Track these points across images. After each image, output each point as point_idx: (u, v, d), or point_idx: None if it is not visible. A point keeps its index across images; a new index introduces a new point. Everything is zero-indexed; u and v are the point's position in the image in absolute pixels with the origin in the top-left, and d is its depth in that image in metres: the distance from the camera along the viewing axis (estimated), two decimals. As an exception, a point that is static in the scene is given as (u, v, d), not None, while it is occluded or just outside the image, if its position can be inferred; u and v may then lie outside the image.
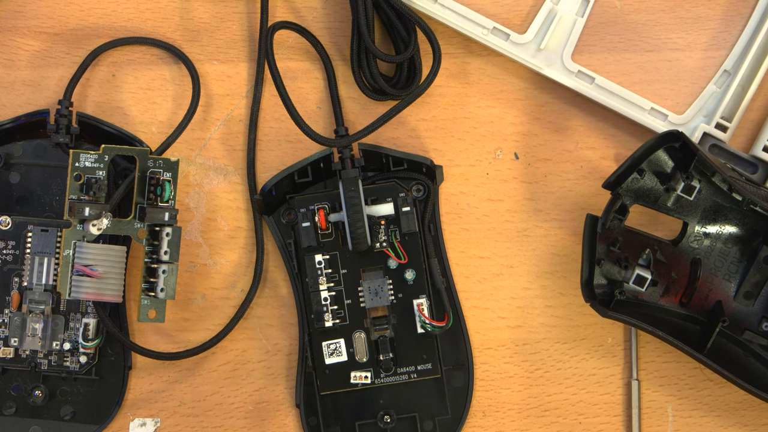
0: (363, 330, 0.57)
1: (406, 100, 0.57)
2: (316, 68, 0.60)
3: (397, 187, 0.57)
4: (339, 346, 0.56)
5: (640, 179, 0.56)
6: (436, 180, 0.58)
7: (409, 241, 0.57)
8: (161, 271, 0.56)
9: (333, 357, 0.56)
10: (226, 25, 0.60)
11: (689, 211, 0.57)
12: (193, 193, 0.60)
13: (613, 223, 0.56)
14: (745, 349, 0.57)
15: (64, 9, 0.60)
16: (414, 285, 0.57)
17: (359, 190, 0.56)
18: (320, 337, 0.57)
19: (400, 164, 0.58)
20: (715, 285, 0.57)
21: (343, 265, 0.57)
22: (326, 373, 0.57)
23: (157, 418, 0.59)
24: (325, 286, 0.56)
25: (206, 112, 0.60)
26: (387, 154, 0.58)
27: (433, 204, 0.58)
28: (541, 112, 0.60)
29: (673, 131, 0.55)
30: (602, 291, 0.56)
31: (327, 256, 0.57)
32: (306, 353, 0.57)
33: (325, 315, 0.56)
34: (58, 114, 0.57)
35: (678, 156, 0.56)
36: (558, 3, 0.59)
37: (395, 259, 0.56)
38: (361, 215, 0.55)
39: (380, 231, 0.56)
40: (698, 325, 0.57)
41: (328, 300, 0.56)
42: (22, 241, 0.57)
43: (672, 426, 0.59)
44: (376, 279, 0.57)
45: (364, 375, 0.56)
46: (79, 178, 0.56)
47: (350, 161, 0.57)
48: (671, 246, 0.57)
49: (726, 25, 0.60)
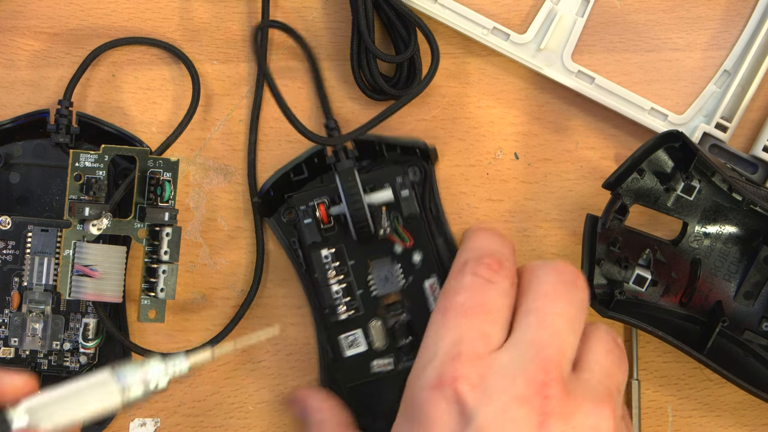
0: (378, 318, 0.56)
1: (401, 101, 0.57)
2: (320, 68, 0.60)
3: (394, 171, 0.56)
4: (356, 337, 0.56)
5: (640, 179, 0.56)
6: (431, 160, 0.58)
7: (412, 224, 0.56)
8: (161, 271, 0.56)
9: (352, 348, 0.56)
10: (226, 25, 0.60)
11: (689, 211, 0.57)
12: (193, 193, 0.60)
13: (613, 223, 0.56)
14: (745, 349, 0.57)
15: (64, 9, 0.60)
16: (423, 266, 0.56)
17: (356, 179, 0.55)
18: (337, 331, 0.56)
19: (394, 149, 0.58)
20: (715, 285, 0.57)
21: (350, 257, 0.57)
22: (347, 366, 0.56)
23: (157, 418, 0.59)
24: (335, 279, 0.56)
25: (206, 112, 0.60)
26: (380, 141, 0.58)
27: (431, 184, 0.58)
28: (541, 112, 0.60)
29: (673, 131, 0.55)
30: (602, 291, 0.56)
31: (333, 250, 0.56)
32: (326, 349, 0.57)
33: (338, 308, 0.56)
34: (58, 114, 0.57)
35: (678, 156, 0.56)
36: (558, 3, 0.59)
37: (401, 243, 0.56)
38: (362, 204, 0.55)
39: (382, 217, 0.56)
40: (698, 325, 0.57)
41: (340, 293, 0.56)
42: (22, 241, 0.57)
43: (672, 426, 0.59)
44: (384, 266, 0.56)
45: (386, 362, 0.56)
46: (79, 178, 0.56)
47: (344, 153, 0.57)
48: (671, 246, 0.57)
49: (726, 25, 0.60)
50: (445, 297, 0.51)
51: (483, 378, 0.47)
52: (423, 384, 0.48)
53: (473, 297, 0.50)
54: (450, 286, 0.52)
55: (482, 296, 0.50)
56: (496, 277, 0.51)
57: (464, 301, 0.50)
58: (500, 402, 0.46)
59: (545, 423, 0.46)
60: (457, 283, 0.51)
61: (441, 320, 0.50)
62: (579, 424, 0.46)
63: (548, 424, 0.46)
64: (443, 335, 0.49)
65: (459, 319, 0.49)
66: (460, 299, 0.50)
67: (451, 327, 0.49)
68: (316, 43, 0.60)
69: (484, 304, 0.50)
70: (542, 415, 0.46)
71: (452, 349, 0.48)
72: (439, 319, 0.50)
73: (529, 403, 0.46)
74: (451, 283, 0.52)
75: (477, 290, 0.50)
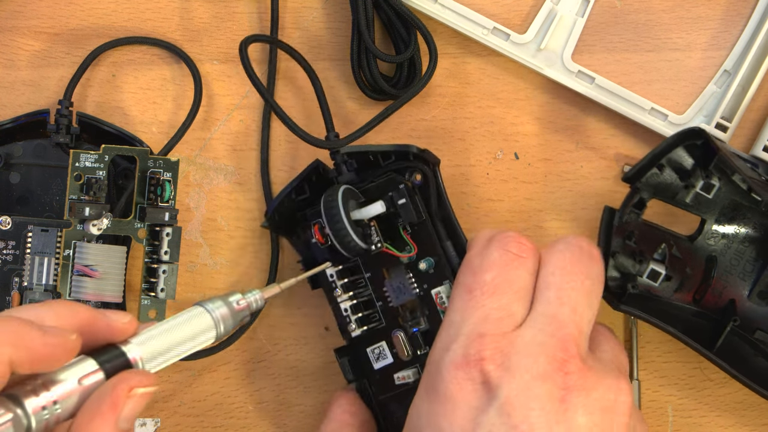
0: (400, 328, 0.55)
1: (398, 102, 0.57)
2: (320, 68, 0.60)
3: (395, 180, 0.55)
4: (382, 349, 0.55)
5: (660, 174, 0.56)
6: (430, 163, 0.56)
7: (419, 231, 0.55)
8: (161, 271, 0.56)
9: (380, 361, 0.55)
10: (226, 25, 0.60)
11: (707, 208, 0.57)
12: (193, 193, 0.60)
13: (630, 217, 0.56)
14: (756, 349, 0.56)
15: (64, 9, 0.60)
16: (434, 273, 0.55)
17: (336, 197, 0.53)
18: (363, 344, 0.55)
19: (389, 157, 0.56)
20: (730, 283, 0.57)
21: (366, 269, 0.56)
22: (377, 378, 0.55)
23: (157, 418, 0.59)
24: (345, 296, 0.55)
25: (206, 112, 0.60)
26: (372, 151, 0.56)
27: (436, 186, 0.56)
28: (541, 112, 0.60)
29: (695, 128, 0.54)
30: (615, 284, 0.56)
31: (339, 268, 0.55)
32: (358, 363, 0.56)
33: (349, 326, 0.55)
34: (58, 114, 0.57)
35: (698, 153, 0.55)
36: (558, 3, 0.59)
37: (397, 254, 0.55)
38: (342, 223, 0.53)
39: (371, 232, 0.55)
40: (710, 322, 0.57)
41: (349, 311, 0.55)
42: (22, 241, 0.57)
43: (672, 426, 0.59)
44: (399, 275, 0.55)
45: (407, 374, 0.55)
46: (80, 178, 0.56)
47: (345, 166, 0.56)
48: (687, 242, 0.57)
49: (726, 25, 0.60)
50: (469, 273, 0.51)
51: (507, 356, 0.47)
52: (447, 362, 0.48)
53: (502, 274, 0.50)
54: (474, 263, 0.51)
55: (511, 273, 0.50)
56: (526, 252, 0.51)
57: (492, 279, 0.50)
58: (523, 380, 0.47)
59: (566, 397, 0.47)
60: (483, 260, 0.51)
61: (467, 298, 0.50)
62: (600, 396, 0.47)
63: (569, 398, 0.47)
64: (469, 314, 0.49)
65: (486, 298, 0.49)
66: (488, 277, 0.50)
67: (478, 306, 0.49)
68: (316, 43, 0.60)
69: (513, 282, 0.50)
70: (564, 389, 0.47)
71: (478, 328, 0.49)
72: (465, 296, 0.50)
73: (551, 379, 0.47)
74: (475, 260, 0.51)
75: (506, 266, 0.50)
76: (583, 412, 0.47)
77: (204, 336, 0.46)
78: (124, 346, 0.44)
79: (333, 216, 0.53)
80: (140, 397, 0.42)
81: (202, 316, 0.46)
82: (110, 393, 0.42)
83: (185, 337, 0.45)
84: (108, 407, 0.41)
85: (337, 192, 0.53)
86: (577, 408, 0.47)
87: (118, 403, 0.42)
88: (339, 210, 0.53)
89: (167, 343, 0.45)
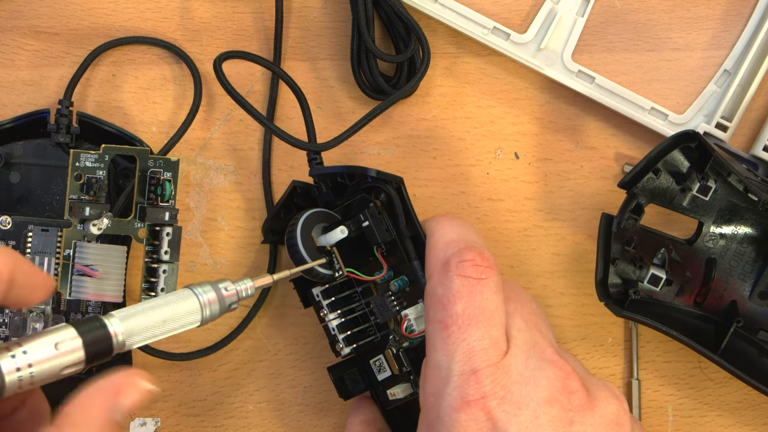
0: (391, 342, 0.54)
1: (385, 103, 0.57)
2: (316, 68, 0.60)
3: (365, 200, 0.53)
4: (382, 362, 0.54)
5: (656, 179, 0.56)
6: (392, 182, 0.53)
7: (392, 250, 0.53)
8: (162, 270, 0.56)
9: (381, 373, 0.54)
10: (226, 24, 0.60)
11: (705, 210, 0.57)
12: (194, 193, 0.60)
13: (628, 223, 0.55)
14: (760, 350, 0.56)
15: (64, 9, 0.60)
16: (410, 292, 0.53)
17: (296, 229, 0.53)
18: (366, 356, 0.55)
19: (353, 178, 0.55)
20: (730, 285, 0.57)
21: (357, 284, 0.55)
22: (382, 389, 0.55)
23: (158, 418, 0.59)
24: (333, 315, 0.55)
25: (206, 111, 0.60)
26: (331, 174, 0.55)
27: (403, 205, 0.53)
28: (542, 112, 0.60)
29: (689, 131, 0.55)
30: (617, 290, 0.56)
31: (325, 287, 0.55)
32: (365, 373, 0.55)
33: (336, 345, 0.54)
34: (58, 114, 0.57)
35: (694, 156, 0.55)
36: (558, 3, 0.59)
37: (363, 278, 0.54)
38: (300, 255, 0.52)
39: (333, 260, 0.53)
40: (712, 325, 0.57)
41: (336, 330, 0.54)
42: (23, 241, 0.57)
43: (672, 426, 0.59)
44: (381, 294, 0.54)
45: (397, 391, 0.54)
46: (80, 178, 0.56)
47: (323, 184, 0.55)
48: (686, 245, 0.57)
49: (726, 25, 0.60)
50: (438, 308, 0.48)
51: (507, 389, 0.46)
52: (446, 407, 0.46)
53: (470, 302, 0.48)
54: (438, 294, 0.49)
55: (479, 299, 0.48)
56: (485, 272, 0.49)
57: (463, 310, 0.47)
58: (530, 410, 0.46)
59: (574, 419, 0.46)
60: (446, 290, 0.48)
61: (444, 335, 0.47)
62: (602, 412, 0.47)
63: (577, 418, 0.46)
64: (452, 352, 0.47)
65: (463, 331, 0.47)
66: (458, 309, 0.47)
67: (459, 341, 0.47)
68: (316, 43, 0.60)
69: (484, 309, 0.48)
70: (570, 411, 0.46)
71: (467, 366, 0.47)
72: (442, 333, 0.48)
73: (557, 402, 0.46)
74: (439, 291, 0.49)
75: (472, 294, 0.48)
76: (592, 430, 0.46)
77: (188, 318, 0.46)
78: (106, 319, 0.44)
79: (292, 246, 0.53)
80: (141, 390, 0.42)
81: (189, 298, 0.46)
82: (114, 378, 0.42)
83: (169, 317, 0.46)
84: (108, 390, 0.41)
85: (297, 223, 0.53)
86: (586, 428, 0.46)
87: (120, 390, 0.41)
88: (297, 242, 0.53)
89: (150, 320, 0.45)
